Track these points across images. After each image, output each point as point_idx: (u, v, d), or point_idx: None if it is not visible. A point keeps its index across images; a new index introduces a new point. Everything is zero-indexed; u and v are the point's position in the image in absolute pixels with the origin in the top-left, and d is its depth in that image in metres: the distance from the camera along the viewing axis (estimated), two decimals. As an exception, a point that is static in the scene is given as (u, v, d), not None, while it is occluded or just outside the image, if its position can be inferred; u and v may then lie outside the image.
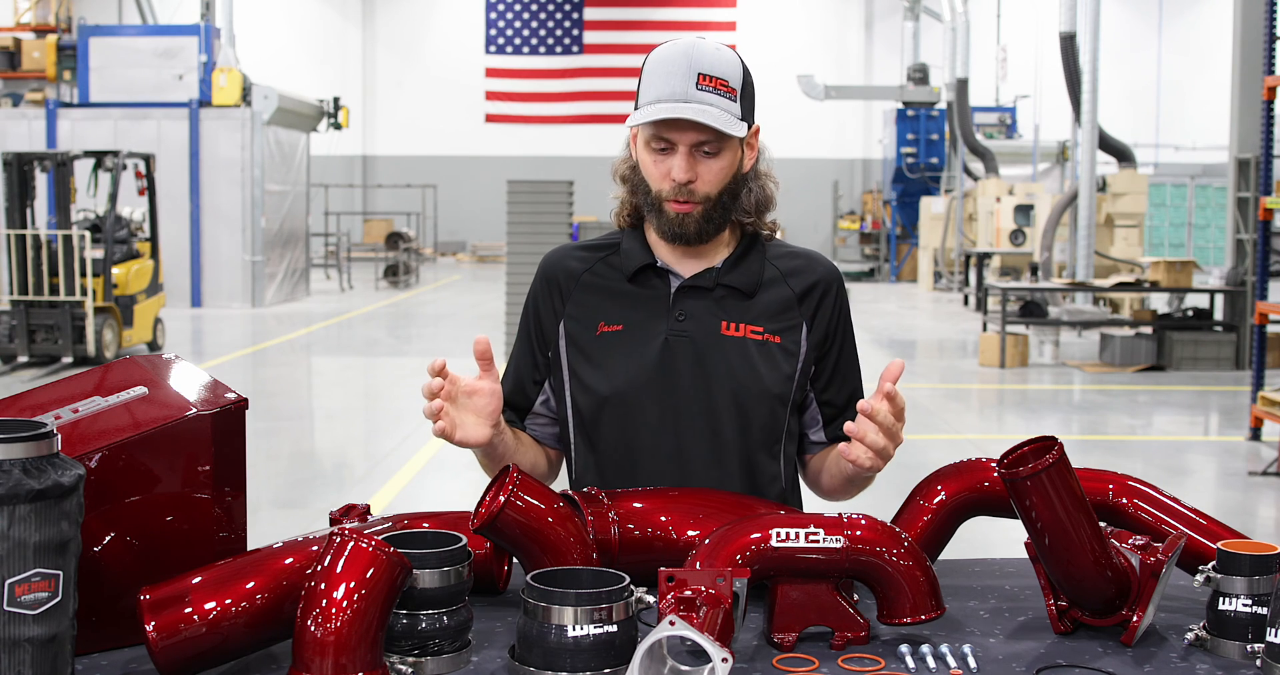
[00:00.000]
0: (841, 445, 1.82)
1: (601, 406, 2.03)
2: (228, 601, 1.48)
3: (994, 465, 1.79)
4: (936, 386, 11.37)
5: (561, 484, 2.06)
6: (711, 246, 2.06)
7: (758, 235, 2.10)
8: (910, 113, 24.51)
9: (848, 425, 1.81)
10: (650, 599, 1.51)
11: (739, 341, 2.01)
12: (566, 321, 2.07)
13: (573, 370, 2.06)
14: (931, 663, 1.57)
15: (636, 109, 1.96)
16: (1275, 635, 1.49)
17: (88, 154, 12.72)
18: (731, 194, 2.00)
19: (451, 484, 7.16)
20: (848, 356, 2.11)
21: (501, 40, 30.79)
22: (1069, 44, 13.85)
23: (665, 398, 2.00)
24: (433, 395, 1.82)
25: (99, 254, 12.08)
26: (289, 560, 1.54)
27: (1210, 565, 1.63)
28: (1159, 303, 15.50)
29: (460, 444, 1.87)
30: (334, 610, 1.40)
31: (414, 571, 1.49)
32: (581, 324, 2.06)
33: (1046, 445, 1.65)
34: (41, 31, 20.23)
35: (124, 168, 12.59)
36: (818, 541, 1.60)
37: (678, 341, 2.01)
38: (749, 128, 1.98)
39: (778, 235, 2.14)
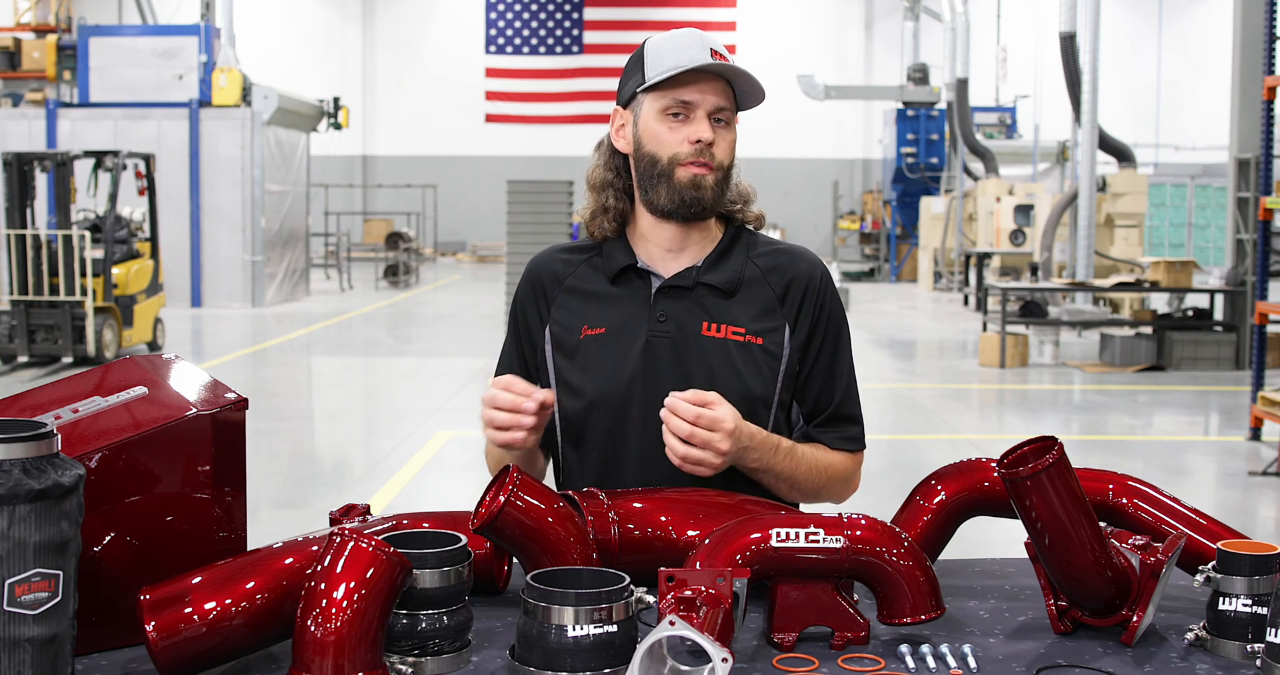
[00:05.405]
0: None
1: (587, 410, 2.03)
2: (228, 601, 1.48)
3: (994, 465, 1.79)
4: (936, 386, 11.38)
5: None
6: (699, 237, 2.06)
7: (742, 229, 2.10)
8: (910, 113, 24.51)
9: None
10: (650, 599, 1.51)
11: (719, 342, 2.01)
12: (551, 325, 2.08)
13: (558, 373, 2.06)
14: (931, 663, 1.57)
15: (641, 84, 1.98)
16: (1275, 635, 1.49)
17: (88, 154, 12.72)
18: (732, 170, 2.03)
19: (451, 484, 7.15)
20: (828, 357, 2.07)
21: (501, 40, 30.79)
22: (1069, 44, 13.85)
23: (647, 399, 1.99)
24: (513, 409, 1.88)
25: (99, 254, 12.08)
26: (289, 560, 1.54)
27: (1210, 565, 1.63)
28: (1159, 303, 15.50)
29: (509, 445, 1.91)
30: (334, 610, 1.40)
31: (414, 571, 1.49)
32: (565, 327, 2.07)
33: (1046, 445, 1.65)
34: (41, 31, 20.23)
35: (124, 168, 12.59)
36: (818, 541, 1.60)
37: (658, 342, 2.01)
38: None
39: (769, 231, 2.15)
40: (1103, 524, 1.68)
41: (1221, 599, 1.61)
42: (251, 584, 1.50)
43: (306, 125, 20.14)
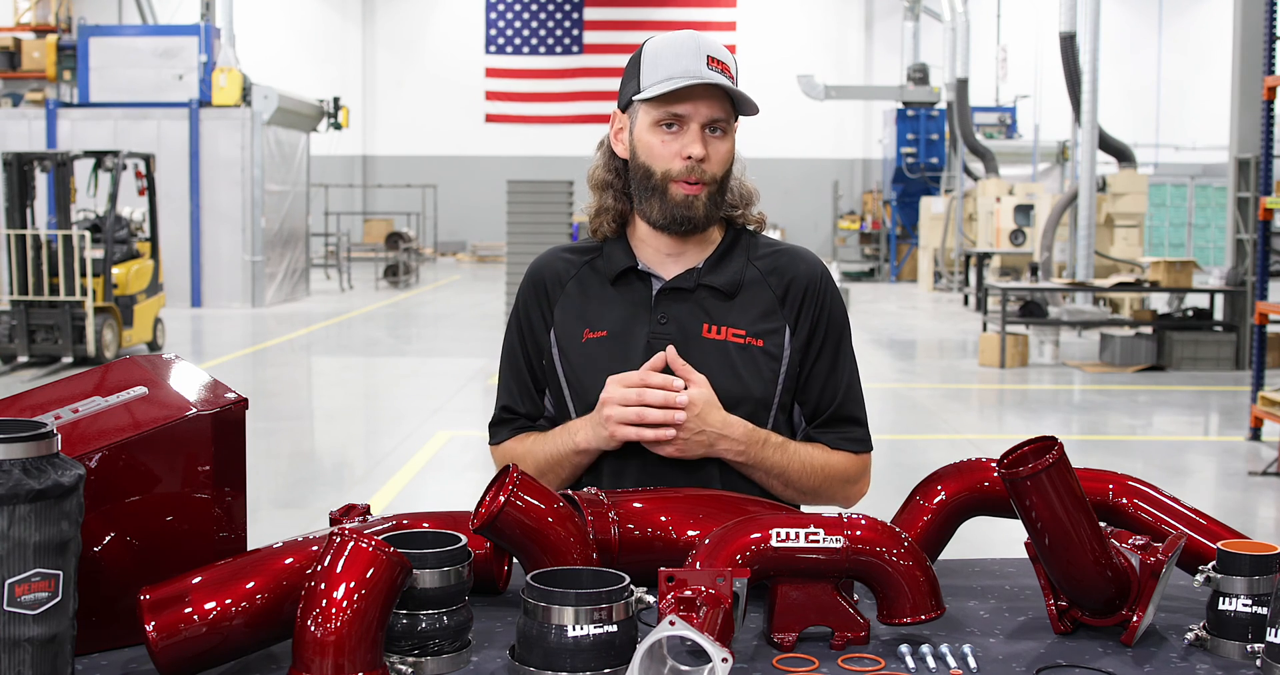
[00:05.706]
0: None
1: (588, 412, 2.02)
2: (228, 601, 1.48)
3: (994, 465, 1.79)
4: (936, 386, 11.37)
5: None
6: (697, 242, 2.05)
7: (743, 231, 2.10)
8: (910, 113, 24.51)
9: None
10: (650, 599, 1.51)
11: (720, 344, 2.01)
12: (555, 329, 2.08)
13: (566, 378, 2.06)
14: (931, 663, 1.57)
15: (637, 93, 1.96)
16: (1275, 635, 1.49)
17: (88, 154, 12.72)
18: (728, 180, 2.02)
19: (451, 484, 7.16)
20: (829, 358, 2.06)
21: (501, 40, 30.79)
22: (1069, 44, 13.85)
23: None
24: (666, 405, 1.91)
25: (99, 254, 12.08)
26: (289, 560, 1.54)
27: (1210, 565, 1.63)
28: (1159, 303, 15.50)
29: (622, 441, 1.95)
30: (334, 610, 1.40)
31: (414, 571, 1.49)
32: (568, 332, 2.06)
33: (1046, 445, 1.65)
34: (41, 31, 20.22)
35: (124, 168, 12.59)
36: (818, 541, 1.60)
37: (659, 344, 2.00)
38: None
39: (769, 231, 2.14)
40: (1103, 524, 1.68)
41: (1221, 599, 1.61)
42: (251, 584, 1.50)
43: (306, 125, 20.14)
